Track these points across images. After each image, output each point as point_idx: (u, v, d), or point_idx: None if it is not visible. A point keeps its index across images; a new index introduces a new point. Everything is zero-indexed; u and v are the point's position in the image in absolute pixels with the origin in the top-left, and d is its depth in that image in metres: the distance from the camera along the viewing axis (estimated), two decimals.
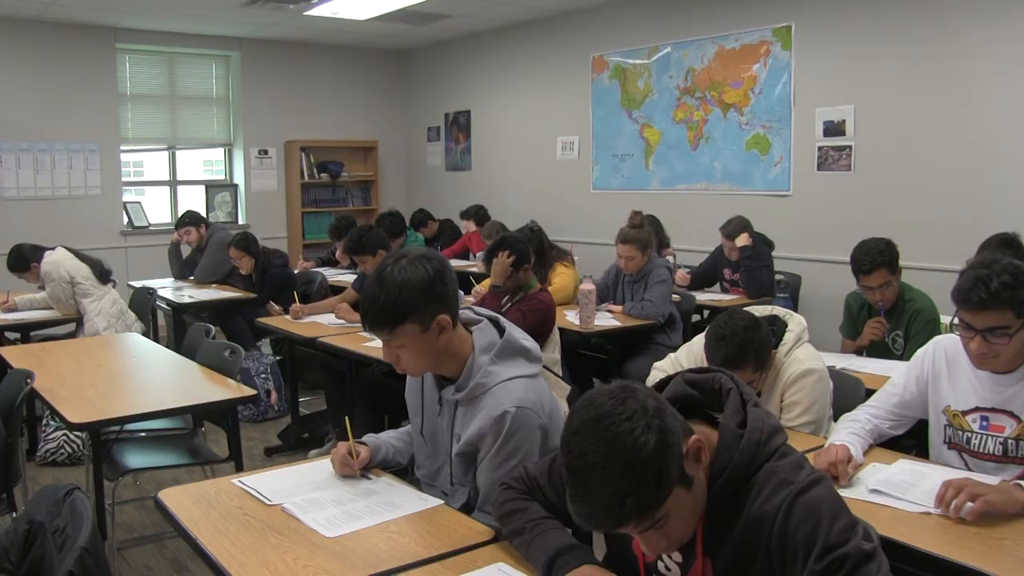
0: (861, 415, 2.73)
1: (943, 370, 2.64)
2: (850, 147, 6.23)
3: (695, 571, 1.68)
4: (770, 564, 1.57)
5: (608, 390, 1.53)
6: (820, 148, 6.42)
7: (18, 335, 5.88)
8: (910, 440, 2.92)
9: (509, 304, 4.44)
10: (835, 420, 2.93)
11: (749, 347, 2.83)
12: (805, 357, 3.04)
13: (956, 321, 2.45)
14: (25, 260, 5.98)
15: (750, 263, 5.88)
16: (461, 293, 2.33)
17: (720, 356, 2.84)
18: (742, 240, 5.91)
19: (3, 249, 6.17)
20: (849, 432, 2.61)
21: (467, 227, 8.58)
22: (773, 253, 6.12)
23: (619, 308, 5.35)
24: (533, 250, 4.72)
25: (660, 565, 1.77)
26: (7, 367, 4.03)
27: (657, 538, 1.57)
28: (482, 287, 5.27)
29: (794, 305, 5.86)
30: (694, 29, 7.27)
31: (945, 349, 2.64)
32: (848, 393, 3.18)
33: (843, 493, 2.23)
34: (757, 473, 1.61)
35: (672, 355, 3.52)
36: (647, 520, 1.50)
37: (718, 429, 1.66)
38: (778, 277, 5.98)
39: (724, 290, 6.30)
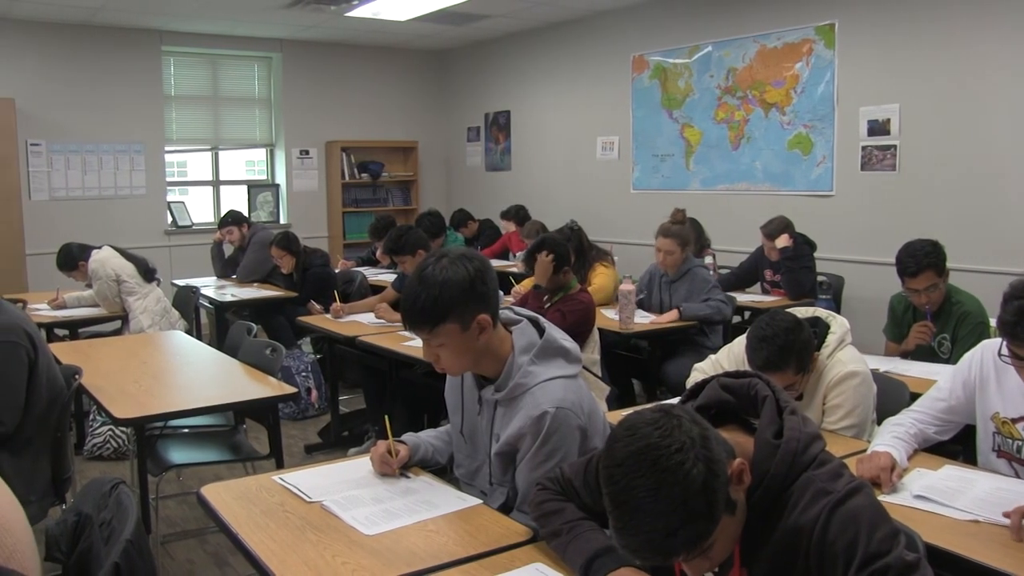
0: (905, 419, 2.68)
1: (991, 376, 2.59)
2: (895, 146, 6.15)
3: None
4: (809, 574, 1.55)
5: (651, 418, 1.47)
6: (864, 148, 6.34)
7: (67, 332, 5.98)
8: (956, 445, 2.86)
9: (549, 304, 4.44)
10: (878, 424, 2.88)
11: (791, 349, 2.80)
12: (848, 359, 3.00)
13: (1004, 352, 2.39)
14: (73, 259, 6.07)
15: (791, 264, 5.82)
16: (500, 293, 2.32)
17: (761, 358, 2.81)
18: (783, 241, 5.85)
19: (54, 248, 6.26)
20: (893, 436, 2.57)
21: (506, 227, 8.58)
22: (815, 254, 6.04)
23: (667, 318, 5.17)
24: (573, 250, 4.71)
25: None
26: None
27: (702, 563, 1.55)
28: (522, 287, 5.26)
29: (836, 307, 5.79)
30: (735, 28, 7.22)
31: (994, 354, 2.56)
32: (892, 397, 3.13)
33: (887, 499, 2.21)
34: (795, 483, 1.58)
35: (713, 356, 3.49)
36: (696, 551, 1.48)
37: (754, 437, 1.64)
38: (820, 278, 5.91)
39: (765, 291, 6.24)
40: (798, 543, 1.55)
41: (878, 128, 6.25)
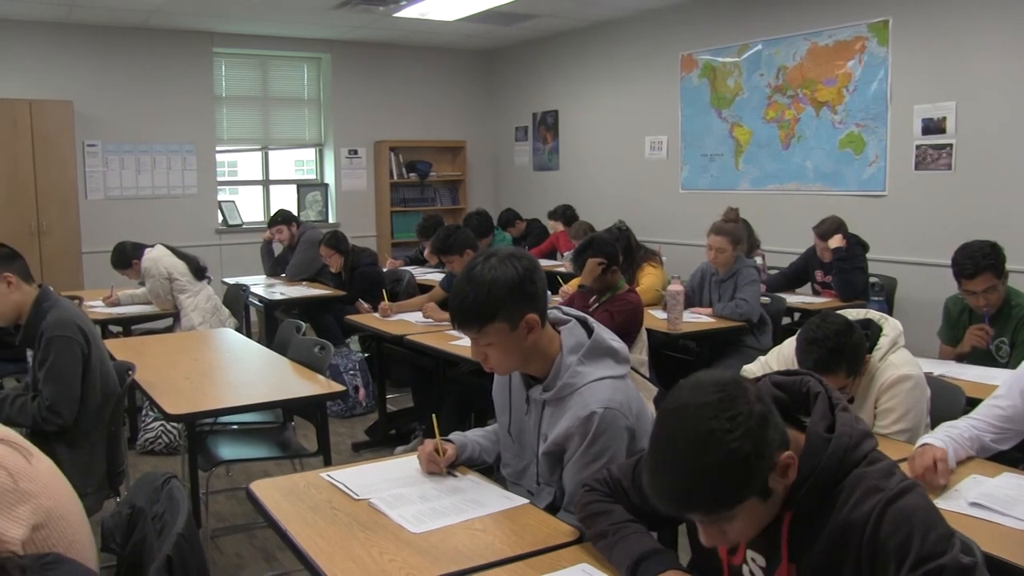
0: (961, 423, 2.62)
1: None
2: (951, 145, 6.04)
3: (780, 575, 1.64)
4: (859, 573, 1.52)
5: (720, 381, 1.51)
6: (918, 147, 6.23)
7: (120, 329, 6.08)
8: (1018, 452, 2.78)
9: (597, 304, 4.42)
10: (932, 429, 2.83)
11: (842, 352, 2.76)
12: (901, 362, 2.94)
13: None
14: (127, 257, 6.16)
15: (843, 265, 5.73)
16: (548, 293, 2.32)
17: (812, 360, 2.77)
18: (836, 242, 5.77)
19: (108, 246, 6.37)
20: (945, 434, 2.51)
21: (554, 227, 8.57)
22: (867, 255, 5.95)
23: (707, 310, 5.26)
24: (621, 250, 4.69)
25: (745, 570, 1.73)
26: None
27: (716, 533, 1.56)
28: (569, 287, 5.25)
29: (889, 309, 5.69)
30: (785, 26, 7.13)
31: None
32: (947, 401, 3.07)
33: (940, 505, 2.15)
34: (845, 479, 1.56)
35: (762, 358, 3.45)
36: (713, 518, 1.51)
37: (805, 433, 1.62)
38: (872, 280, 5.81)
39: (816, 292, 6.16)
40: (848, 540, 1.52)
41: (933, 127, 6.13)
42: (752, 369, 3.42)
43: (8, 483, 1.60)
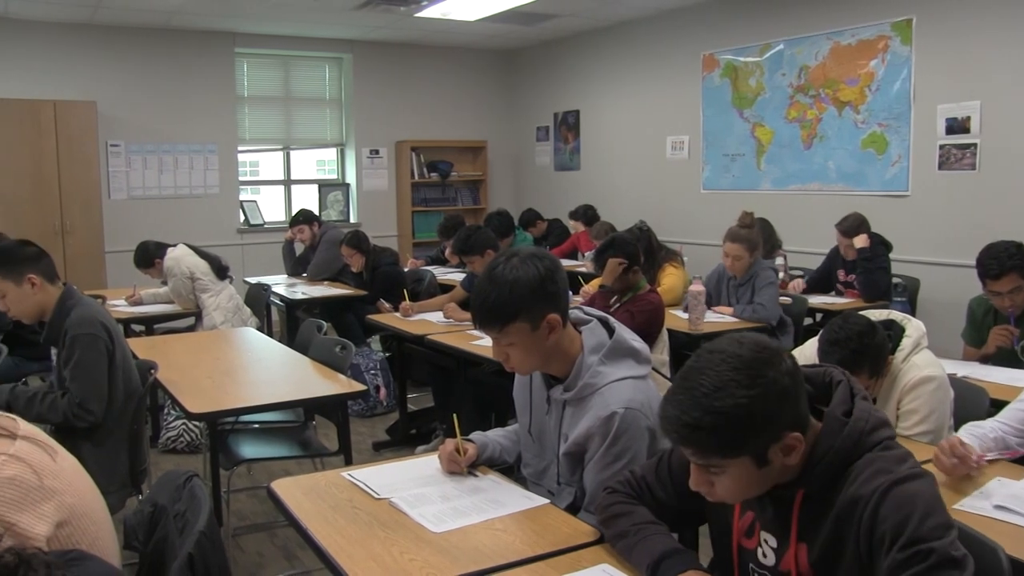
0: (987, 424, 2.60)
1: None
2: (975, 145, 5.98)
3: (789, 556, 1.67)
4: (858, 550, 1.55)
5: (762, 343, 1.58)
6: (942, 146, 6.18)
7: (143, 327, 6.12)
8: None
9: (618, 304, 4.41)
10: (956, 431, 2.80)
11: (864, 353, 2.75)
12: (924, 363, 2.92)
13: None
14: (149, 256, 6.20)
15: (867, 264, 5.69)
16: (569, 293, 2.31)
17: (833, 361, 2.75)
18: (861, 241, 5.73)
19: (131, 246, 6.42)
20: (971, 434, 2.49)
21: (575, 227, 8.56)
22: (890, 256, 5.90)
23: (729, 310, 5.25)
24: (642, 250, 4.68)
25: (759, 552, 1.75)
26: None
27: (704, 480, 1.63)
28: (590, 287, 5.25)
29: (912, 309, 5.65)
30: (808, 25, 7.09)
31: None
32: (971, 403, 3.04)
33: (968, 508, 2.13)
34: (857, 461, 1.59)
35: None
36: (703, 459, 1.58)
37: (823, 419, 1.65)
38: (895, 280, 5.77)
39: (838, 292, 6.11)
40: (851, 517, 1.56)
41: (957, 126, 6.08)
42: None
43: (33, 480, 1.62)
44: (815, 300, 5.80)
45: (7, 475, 1.59)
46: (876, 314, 3.11)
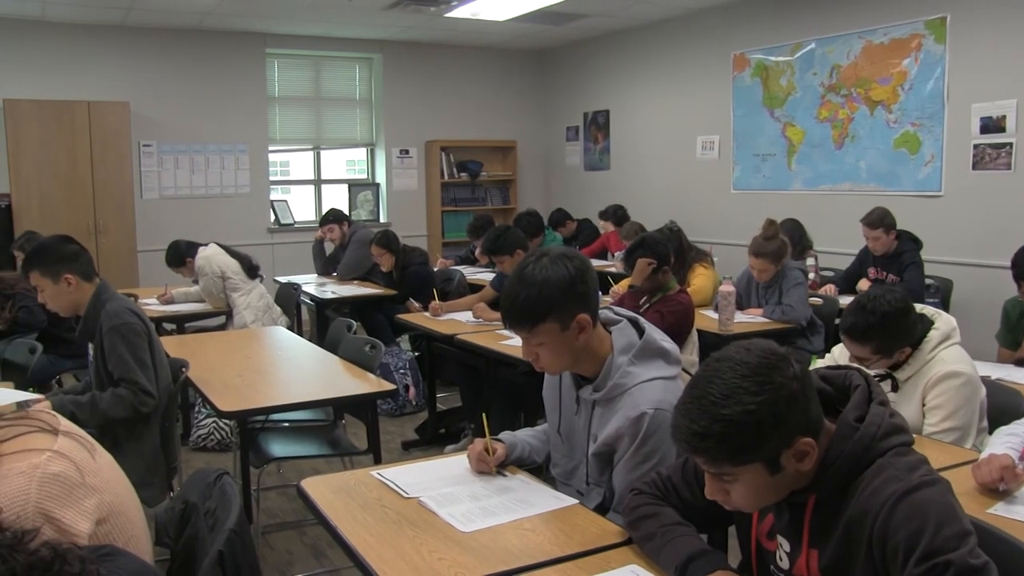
0: (1020, 428, 2.56)
1: None
2: (1010, 144, 5.91)
3: (801, 562, 1.67)
4: (871, 560, 1.53)
5: (768, 349, 1.58)
6: (976, 146, 6.11)
7: (174, 326, 6.17)
8: None
9: (647, 305, 4.40)
10: (990, 434, 2.76)
11: (877, 331, 2.77)
12: (951, 359, 2.88)
13: None
14: (181, 255, 6.26)
15: (900, 260, 5.62)
16: (599, 293, 2.31)
17: (848, 322, 2.83)
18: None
19: (163, 245, 6.48)
20: (1007, 446, 2.45)
21: (605, 227, 8.54)
22: (923, 256, 5.82)
23: (759, 311, 5.21)
24: (672, 251, 4.66)
25: (777, 555, 1.75)
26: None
27: (719, 488, 1.63)
28: (620, 287, 5.23)
29: (944, 310, 5.56)
30: (839, 24, 7.03)
31: None
32: (1005, 406, 2.98)
33: (1005, 514, 2.09)
34: (868, 468, 1.57)
35: (819, 361, 3.40)
36: (715, 467, 1.58)
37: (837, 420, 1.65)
38: (927, 281, 5.71)
39: None
40: (862, 526, 1.54)
41: (992, 125, 6.00)
42: None
43: (76, 477, 1.63)
44: (846, 300, 5.73)
45: (53, 471, 1.61)
46: None
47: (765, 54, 7.75)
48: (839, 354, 3.27)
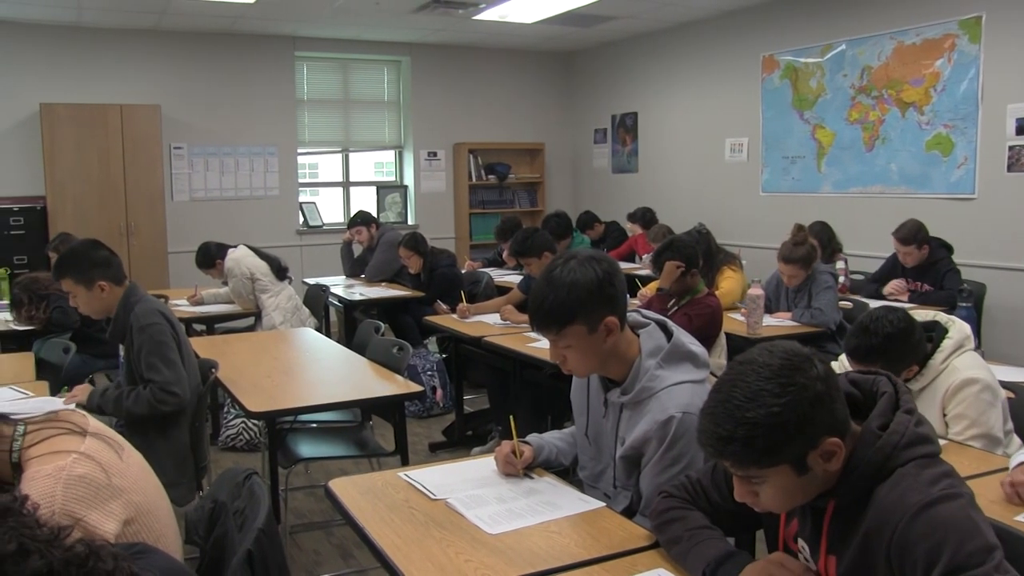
0: None
1: None
2: None
3: (820, 568, 1.67)
4: (891, 573, 1.50)
5: (791, 350, 1.57)
6: (1011, 147, 6.03)
7: (204, 327, 6.22)
8: None
9: (675, 308, 4.38)
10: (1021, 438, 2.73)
11: (881, 353, 2.72)
12: (965, 366, 2.84)
13: None
14: (211, 257, 6.31)
15: (937, 268, 5.56)
16: (627, 296, 2.30)
17: (851, 345, 2.80)
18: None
19: (193, 247, 6.54)
20: None
21: (633, 230, 8.52)
22: (955, 260, 5.75)
23: (788, 315, 5.17)
24: (700, 253, 4.64)
25: (800, 557, 1.75)
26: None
27: (747, 491, 1.63)
28: (647, 290, 5.21)
29: (978, 315, 5.50)
30: (871, 25, 6.97)
31: None
32: None
33: None
34: (888, 478, 1.55)
35: (843, 357, 3.37)
36: (742, 470, 1.58)
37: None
38: (960, 287, 5.63)
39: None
40: (880, 537, 1.52)
41: None
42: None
43: (102, 479, 1.65)
44: (876, 304, 5.67)
45: (78, 473, 1.63)
46: (922, 314, 3.04)
47: (795, 56, 7.70)
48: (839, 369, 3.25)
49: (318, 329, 5.93)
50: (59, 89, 8.19)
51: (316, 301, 6.67)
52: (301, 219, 9.56)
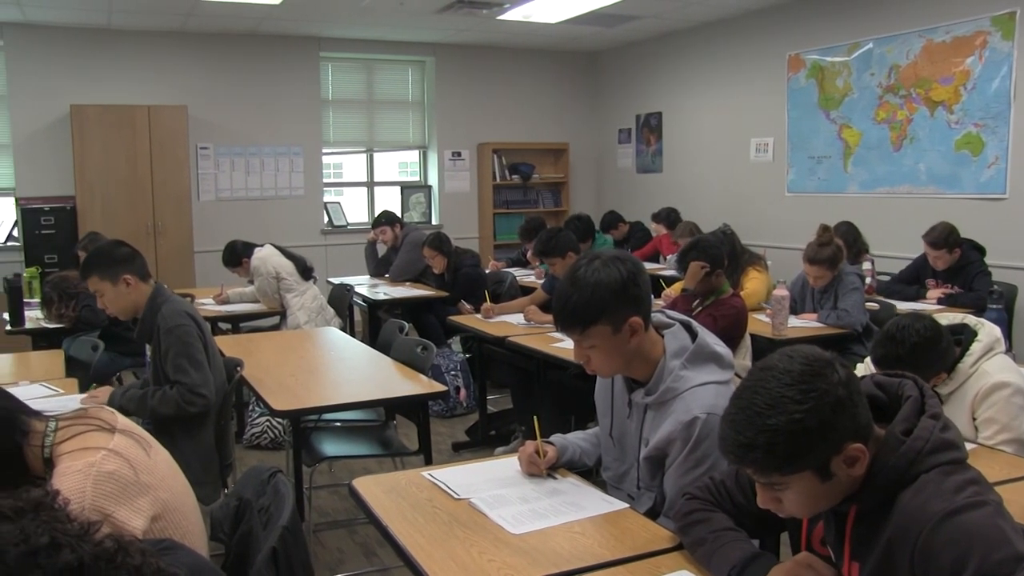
0: None
1: None
2: None
3: (843, 573, 1.65)
4: None
5: (812, 355, 1.55)
6: None
7: (229, 326, 6.25)
8: None
9: (700, 308, 4.36)
10: None
11: (908, 362, 2.66)
12: (995, 370, 2.81)
13: None
14: (237, 256, 6.35)
15: (969, 271, 5.51)
16: (651, 296, 2.29)
17: (878, 355, 2.76)
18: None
19: (219, 246, 6.58)
20: None
21: (657, 230, 8.49)
22: (986, 261, 5.68)
23: (813, 316, 5.14)
24: (725, 254, 4.62)
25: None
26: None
27: (770, 497, 1.61)
28: (672, 290, 5.19)
29: (1009, 318, 5.44)
30: (899, 23, 6.91)
31: None
32: None
33: None
34: (912, 484, 1.52)
35: (868, 359, 3.34)
36: (764, 477, 1.57)
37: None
38: (991, 288, 5.56)
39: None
40: (904, 544, 1.49)
41: None
42: (857, 372, 3.31)
43: (130, 476, 1.67)
44: (903, 306, 5.62)
45: (107, 470, 1.65)
46: (950, 317, 3.01)
47: (821, 55, 7.64)
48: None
49: (342, 329, 5.95)
50: (89, 91, 8.27)
51: (340, 301, 6.70)
52: (326, 219, 9.61)
